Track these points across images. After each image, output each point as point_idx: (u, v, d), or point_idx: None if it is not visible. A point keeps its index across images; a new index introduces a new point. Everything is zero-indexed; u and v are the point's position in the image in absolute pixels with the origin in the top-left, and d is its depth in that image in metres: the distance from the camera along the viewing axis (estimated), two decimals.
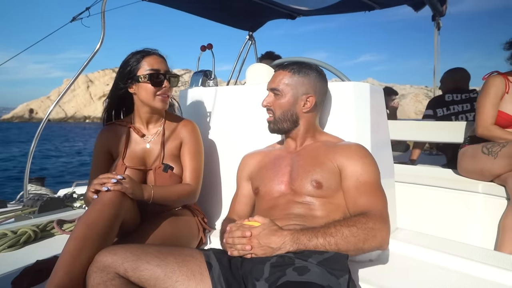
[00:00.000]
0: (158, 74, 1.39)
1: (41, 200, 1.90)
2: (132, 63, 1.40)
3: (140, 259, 0.95)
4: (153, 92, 1.39)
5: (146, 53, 1.42)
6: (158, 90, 1.40)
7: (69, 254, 0.96)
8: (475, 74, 3.12)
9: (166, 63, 1.45)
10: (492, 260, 1.22)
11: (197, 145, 1.50)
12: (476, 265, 1.20)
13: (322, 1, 3.03)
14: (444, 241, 1.41)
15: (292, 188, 1.18)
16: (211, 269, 0.97)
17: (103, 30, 2.45)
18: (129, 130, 1.48)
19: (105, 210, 1.07)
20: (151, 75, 1.38)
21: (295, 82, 1.24)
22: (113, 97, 1.49)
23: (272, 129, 1.29)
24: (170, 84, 1.42)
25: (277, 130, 1.29)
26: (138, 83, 1.39)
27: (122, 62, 1.44)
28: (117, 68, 1.52)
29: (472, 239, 1.85)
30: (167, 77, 1.41)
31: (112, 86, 1.48)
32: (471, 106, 2.87)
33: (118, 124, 1.50)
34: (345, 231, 0.96)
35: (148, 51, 1.43)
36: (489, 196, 1.88)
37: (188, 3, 3.11)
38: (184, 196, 1.41)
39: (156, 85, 1.39)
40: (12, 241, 1.44)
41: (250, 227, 1.01)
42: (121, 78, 1.43)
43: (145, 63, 1.39)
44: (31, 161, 2.39)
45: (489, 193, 1.88)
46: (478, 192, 1.91)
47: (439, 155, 3.96)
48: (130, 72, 1.40)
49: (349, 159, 1.15)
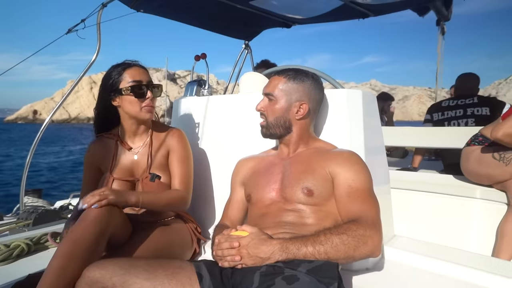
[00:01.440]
0: (140, 85, 1.39)
1: (36, 213, 1.89)
2: (113, 76, 1.40)
3: (128, 273, 0.93)
4: (138, 104, 1.39)
5: (127, 65, 1.42)
6: (142, 102, 1.40)
7: (52, 272, 0.96)
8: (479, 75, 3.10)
9: (148, 73, 1.45)
10: (490, 267, 1.21)
11: (185, 152, 1.49)
12: (474, 272, 1.19)
13: (316, 10, 3.05)
14: (442, 248, 1.39)
15: (283, 195, 1.17)
16: (201, 280, 0.96)
17: (99, 42, 2.47)
18: (116, 143, 1.48)
19: (90, 227, 1.06)
20: (133, 87, 1.38)
21: (290, 88, 1.24)
22: (99, 109, 1.49)
23: (264, 133, 1.29)
24: (153, 95, 1.42)
25: (269, 135, 1.29)
26: (121, 95, 1.39)
27: (104, 75, 1.44)
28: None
29: (470, 245, 1.84)
30: (150, 87, 1.41)
31: (97, 99, 1.48)
32: (464, 112, 2.85)
33: (106, 137, 1.50)
34: (335, 239, 0.95)
35: (128, 63, 1.43)
36: (487, 201, 1.87)
37: (183, 14, 3.13)
38: (174, 201, 1.40)
39: (140, 97, 1.39)
40: (4, 255, 1.42)
41: (238, 237, 1.01)
42: (104, 92, 1.43)
43: (127, 75, 1.39)
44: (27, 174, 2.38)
45: (488, 198, 1.87)
46: (477, 197, 1.90)
47: (437, 160, 3.95)
48: (112, 85, 1.40)
49: (341, 166, 1.15)
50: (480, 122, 2.64)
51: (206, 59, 1.92)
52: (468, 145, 2.07)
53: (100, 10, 2.47)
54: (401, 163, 3.58)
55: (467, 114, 2.85)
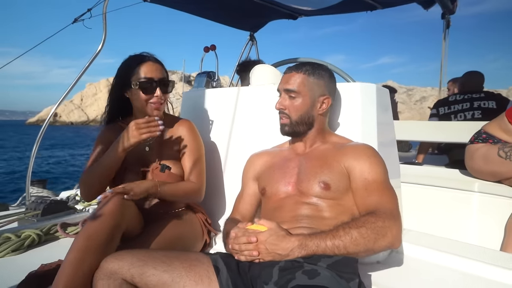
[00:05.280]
0: (149, 82, 1.37)
1: (44, 203, 1.89)
2: (127, 69, 1.40)
3: (146, 265, 0.94)
4: (145, 100, 1.39)
5: (141, 59, 1.40)
6: (150, 98, 1.39)
7: (70, 265, 0.97)
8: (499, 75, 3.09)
9: (162, 68, 1.43)
10: (499, 260, 1.22)
11: (196, 143, 1.49)
12: (483, 266, 1.19)
13: (324, 1, 3.02)
14: (452, 242, 1.40)
15: (299, 189, 1.16)
16: (218, 273, 0.96)
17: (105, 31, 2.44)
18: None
19: (105, 221, 1.07)
20: (142, 83, 1.37)
21: (311, 84, 1.21)
22: (111, 99, 1.49)
23: (286, 132, 1.26)
24: (162, 92, 1.40)
25: (291, 133, 1.26)
26: (132, 89, 1.39)
27: (120, 65, 1.43)
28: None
29: (477, 239, 1.85)
30: (160, 84, 1.39)
31: (110, 88, 1.48)
32: (471, 105, 2.88)
33: (120, 125, 1.50)
34: (354, 232, 0.95)
35: (143, 56, 1.42)
36: (496, 196, 1.87)
37: (189, 4, 3.10)
38: (190, 193, 1.41)
39: (148, 93, 1.38)
40: (16, 245, 1.43)
41: (255, 232, 1.00)
42: (117, 82, 1.43)
43: (139, 70, 1.38)
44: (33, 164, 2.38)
45: (496, 193, 1.87)
46: (485, 192, 1.90)
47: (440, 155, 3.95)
48: (125, 77, 1.39)
49: (357, 159, 1.14)
50: (487, 114, 2.65)
51: (216, 51, 1.90)
52: (471, 143, 2.06)
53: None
54: (405, 157, 3.58)
55: (474, 106, 2.87)
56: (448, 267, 1.24)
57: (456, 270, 1.22)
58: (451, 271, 1.22)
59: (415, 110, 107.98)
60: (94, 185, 1.37)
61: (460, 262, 1.24)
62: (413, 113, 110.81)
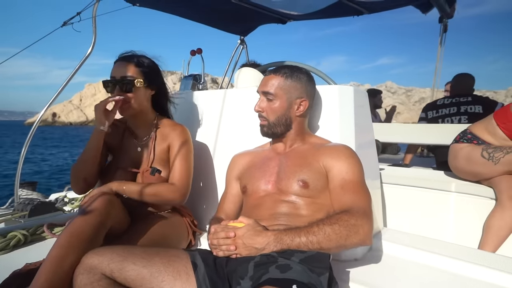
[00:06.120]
0: (108, 81, 1.40)
1: (32, 204, 1.90)
2: None
3: (126, 260, 0.96)
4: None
5: (117, 59, 1.44)
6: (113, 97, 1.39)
7: (51, 261, 0.99)
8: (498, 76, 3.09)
9: (130, 67, 1.41)
10: (474, 258, 1.26)
11: (185, 147, 1.49)
12: (459, 263, 1.23)
13: (311, 6, 3.07)
14: (429, 241, 1.44)
15: (278, 187, 1.20)
16: (196, 269, 0.99)
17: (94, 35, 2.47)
18: (124, 131, 1.51)
19: (90, 219, 1.10)
20: (104, 82, 1.41)
21: (288, 86, 1.25)
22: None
23: (265, 133, 1.30)
24: (122, 91, 1.39)
25: (270, 134, 1.30)
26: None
27: None
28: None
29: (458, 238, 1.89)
30: (119, 83, 1.38)
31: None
32: (457, 109, 2.91)
33: (115, 123, 1.52)
34: (328, 229, 0.98)
35: (119, 56, 1.45)
36: (474, 196, 1.92)
37: (179, 7, 3.13)
38: (162, 193, 1.39)
39: (109, 92, 1.41)
40: (1, 245, 1.45)
41: (234, 228, 1.04)
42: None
43: (112, 70, 1.42)
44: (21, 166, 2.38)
45: (474, 193, 1.92)
46: (462, 192, 1.95)
47: (430, 157, 4.01)
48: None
49: (335, 159, 1.18)
50: (473, 119, 2.69)
51: (202, 54, 1.94)
52: (456, 142, 2.08)
53: (96, 3, 2.47)
54: (394, 160, 3.64)
55: (461, 111, 2.90)
56: (425, 264, 1.27)
57: (433, 267, 1.25)
58: (428, 268, 1.25)
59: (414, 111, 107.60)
60: (81, 171, 1.40)
61: (437, 260, 1.27)
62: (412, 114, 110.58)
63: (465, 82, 3.15)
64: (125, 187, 1.32)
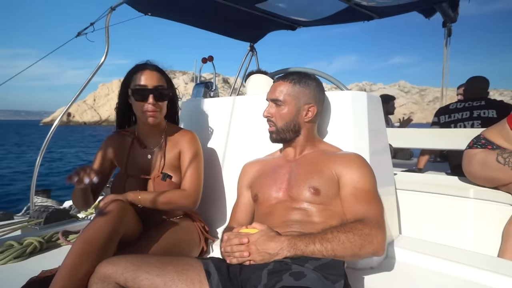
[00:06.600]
0: (142, 89, 1.41)
1: (47, 212, 1.93)
2: (128, 76, 1.45)
3: (139, 269, 0.96)
4: (140, 108, 1.42)
5: (141, 67, 1.45)
6: (143, 106, 1.41)
7: (66, 269, 1.00)
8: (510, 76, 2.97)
9: (160, 77, 1.45)
10: (494, 267, 1.22)
11: (195, 153, 1.51)
12: (478, 272, 1.20)
13: (321, 13, 3.07)
14: (446, 248, 1.40)
15: (289, 194, 1.19)
16: (209, 277, 0.99)
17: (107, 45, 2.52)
18: (132, 141, 1.53)
19: (104, 226, 1.11)
20: (135, 91, 1.41)
21: (297, 92, 1.26)
22: (118, 107, 1.55)
23: (274, 139, 1.31)
24: (156, 100, 1.41)
25: (279, 140, 1.31)
26: (130, 96, 1.44)
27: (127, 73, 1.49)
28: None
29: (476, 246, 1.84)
30: (154, 92, 1.40)
31: (118, 95, 1.53)
32: (470, 114, 2.86)
33: (123, 134, 1.55)
34: (342, 236, 0.97)
35: (143, 65, 1.46)
36: (492, 203, 1.87)
37: (189, 17, 3.17)
38: (176, 200, 1.41)
39: (140, 100, 1.41)
40: (18, 252, 1.47)
41: (247, 234, 1.03)
42: (121, 89, 1.49)
43: (136, 78, 1.42)
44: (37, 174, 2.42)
45: (493, 200, 1.87)
46: (481, 199, 1.90)
47: (442, 162, 3.94)
48: (126, 85, 1.45)
49: (347, 167, 1.17)
50: (486, 124, 2.64)
51: (213, 62, 1.95)
52: (470, 148, 2.05)
53: (109, 13, 2.52)
54: (407, 165, 3.59)
55: (473, 116, 2.85)
56: (443, 273, 1.25)
57: (451, 276, 1.22)
58: (446, 277, 1.22)
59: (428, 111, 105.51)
60: (77, 205, 1.47)
61: (455, 268, 1.24)
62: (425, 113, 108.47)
63: (479, 85, 3.10)
64: (140, 197, 1.33)
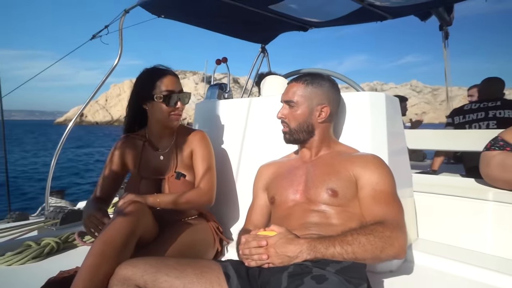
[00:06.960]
0: (172, 95, 1.44)
1: (63, 213, 1.95)
2: (147, 82, 1.45)
3: (159, 271, 0.96)
4: (168, 112, 1.45)
5: (161, 73, 1.46)
6: (173, 111, 1.46)
7: (87, 270, 1.01)
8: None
9: (179, 81, 1.50)
10: None
11: (207, 151, 1.54)
12: (498, 276, 1.17)
13: (333, 13, 3.05)
14: (467, 252, 1.38)
15: (307, 196, 1.18)
16: (229, 280, 0.98)
17: (121, 47, 2.54)
18: (144, 144, 1.54)
19: (122, 228, 1.11)
20: (165, 97, 1.43)
21: (309, 93, 1.25)
22: (130, 111, 1.55)
23: (288, 140, 1.31)
24: (183, 103, 1.48)
25: (292, 141, 1.30)
26: (153, 102, 1.45)
27: (137, 78, 1.49)
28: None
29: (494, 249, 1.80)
30: (181, 97, 1.47)
31: (129, 100, 1.54)
32: (486, 114, 2.82)
33: (133, 137, 1.56)
34: (362, 239, 0.95)
35: (162, 70, 1.48)
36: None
37: (201, 19, 3.19)
38: (194, 198, 1.44)
39: (171, 105, 1.44)
40: (36, 253, 1.49)
41: (265, 237, 1.02)
42: (136, 95, 1.49)
43: (160, 84, 1.44)
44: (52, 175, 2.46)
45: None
46: (501, 201, 1.86)
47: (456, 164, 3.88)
48: (146, 91, 1.45)
49: (365, 169, 1.15)
50: (502, 124, 2.59)
51: (227, 63, 1.95)
52: (487, 149, 2.01)
53: (123, 16, 2.55)
54: (420, 167, 3.54)
55: (489, 116, 2.81)
56: (463, 277, 1.22)
57: (471, 280, 1.20)
58: (466, 281, 1.20)
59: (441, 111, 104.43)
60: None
61: (476, 272, 1.22)
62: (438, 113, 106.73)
63: (494, 87, 3.06)
64: (159, 200, 1.34)
